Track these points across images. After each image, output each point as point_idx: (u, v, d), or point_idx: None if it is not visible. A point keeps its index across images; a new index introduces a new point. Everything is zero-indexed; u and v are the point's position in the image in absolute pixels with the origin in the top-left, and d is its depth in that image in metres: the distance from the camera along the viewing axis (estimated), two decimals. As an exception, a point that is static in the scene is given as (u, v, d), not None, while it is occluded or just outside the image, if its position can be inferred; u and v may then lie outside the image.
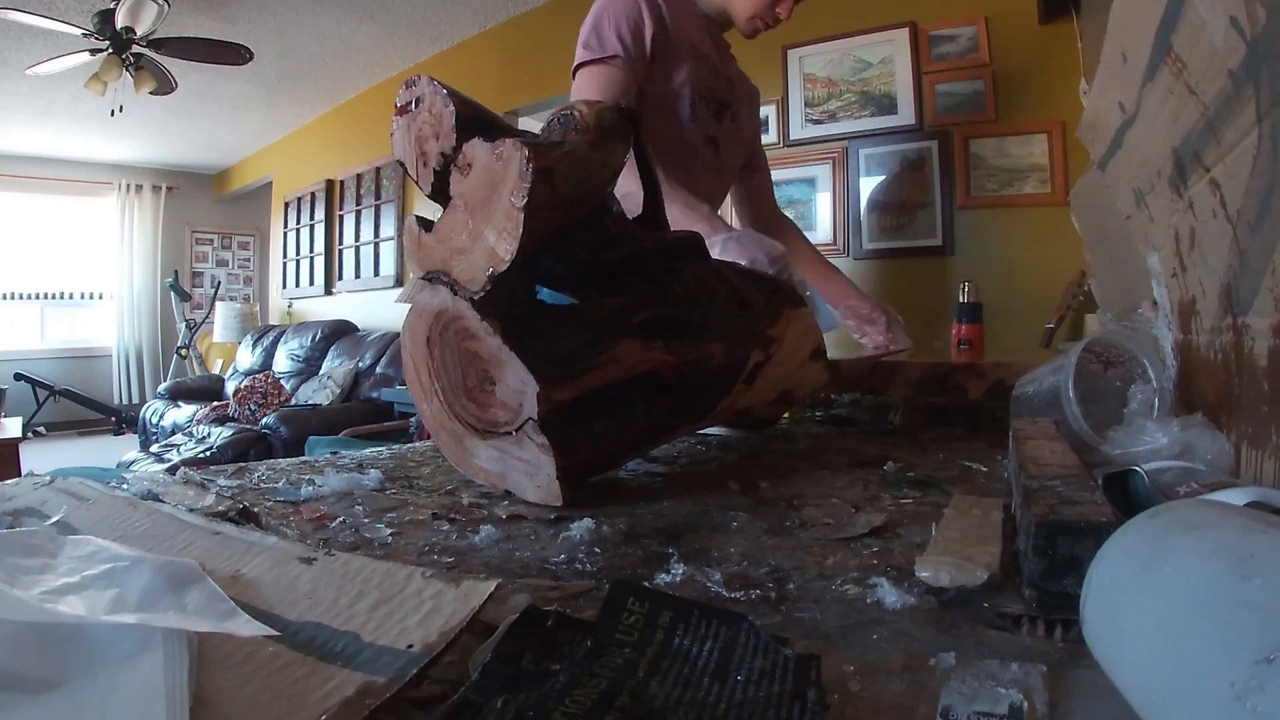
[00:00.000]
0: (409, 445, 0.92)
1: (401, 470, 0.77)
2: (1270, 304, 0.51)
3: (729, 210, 1.64)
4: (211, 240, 7.52)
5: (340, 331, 4.88)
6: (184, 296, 6.69)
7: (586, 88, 1.22)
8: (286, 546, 0.43)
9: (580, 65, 1.24)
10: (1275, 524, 0.27)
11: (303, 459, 0.85)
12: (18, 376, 5.72)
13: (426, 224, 0.65)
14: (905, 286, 2.67)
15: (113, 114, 4.17)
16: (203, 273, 7.47)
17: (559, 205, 0.63)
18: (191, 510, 0.55)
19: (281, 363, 5.02)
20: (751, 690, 0.30)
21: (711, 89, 1.34)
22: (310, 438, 3.24)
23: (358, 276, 5.16)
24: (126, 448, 4.77)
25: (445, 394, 0.67)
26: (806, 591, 0.43)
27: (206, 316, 6.66)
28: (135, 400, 6.65)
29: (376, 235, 4.95)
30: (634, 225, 0.80)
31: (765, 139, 2.95)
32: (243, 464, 0.80)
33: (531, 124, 3.51)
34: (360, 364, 4.39)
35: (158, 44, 3.57)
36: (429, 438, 0.72)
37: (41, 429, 6.04)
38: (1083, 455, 0.57)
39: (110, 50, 3.57)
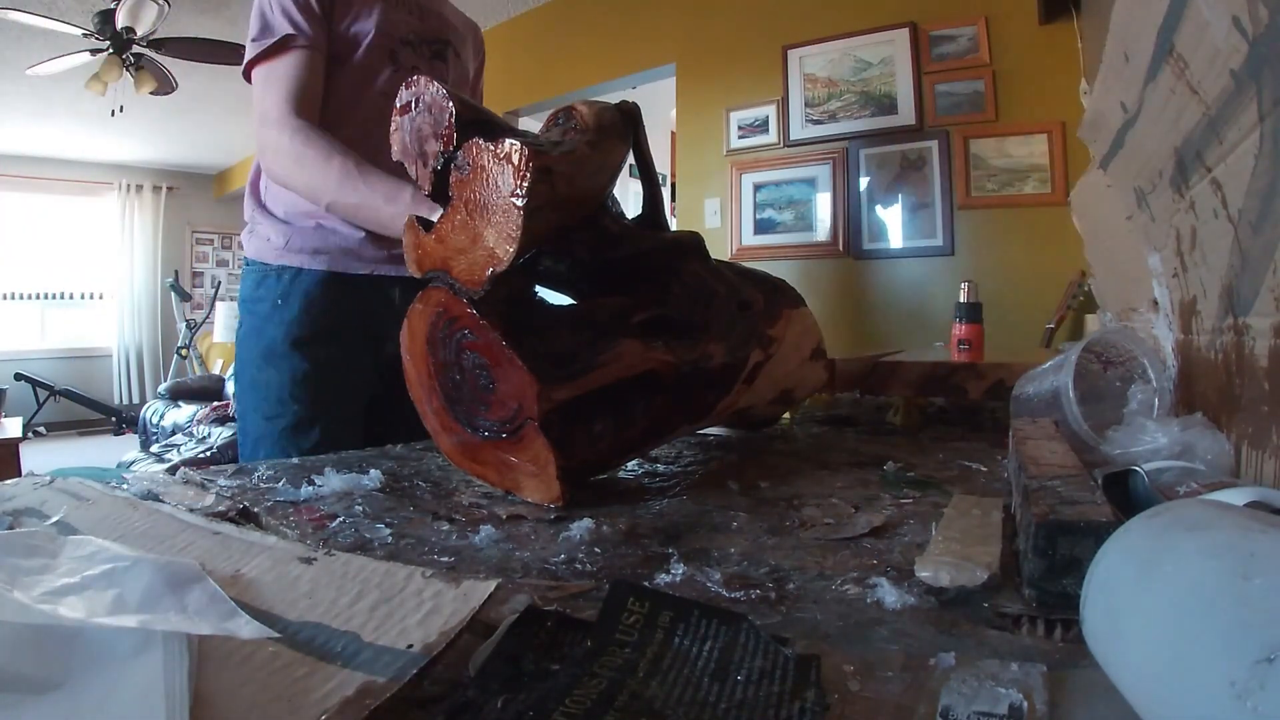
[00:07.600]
0: (409, 445, 0.92)
1: (402, 470, 0.77)
2: (1271, 304, 0.51)
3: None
4: (212, 240, 7.53)
5: (340, 331, 4.87)
6: (184, 296, 6.69)
7: (267, 90, 1.05)
8: (286, 546, 0.43)
9: (252, 64, 1.07)
10: (1275, 524, 0.27)
11: (302, 459, 0.85)
12: (18, 376, 5.71)
13: (426, 224, 0.65)
14: (905, 287, 2.67)
15: (113, 114, 4.17)
16: (203, 273, 7.48)
17: (559, 205, 0.63)
18: (191, 510, 0.55)
19: (282, 363, 5.01)
20: (751, 690, 0.30)
21: (419, 31, 1.17)
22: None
23: (358, 276, 5.15)
24: (126, 448, 4.77)
25: (445, 394, 0.67)
26: (806, 591, 0.43)
27: (207, 316, 6.66)
28: (135, 400, 6.65)
29: (377, 235, 4.94)
30: (634, 225, 0.80)
31: (765, 139, 2.96)
32: (243, 464, 0.80)
33: (531, 124, 3.52)
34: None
35: (158, 44, 3.57)
36: (429, 437, 0.72)
37: (41, 429, 6.04)
38: (1083, 455, 0.57)
39: (110, 50, 3.57)
